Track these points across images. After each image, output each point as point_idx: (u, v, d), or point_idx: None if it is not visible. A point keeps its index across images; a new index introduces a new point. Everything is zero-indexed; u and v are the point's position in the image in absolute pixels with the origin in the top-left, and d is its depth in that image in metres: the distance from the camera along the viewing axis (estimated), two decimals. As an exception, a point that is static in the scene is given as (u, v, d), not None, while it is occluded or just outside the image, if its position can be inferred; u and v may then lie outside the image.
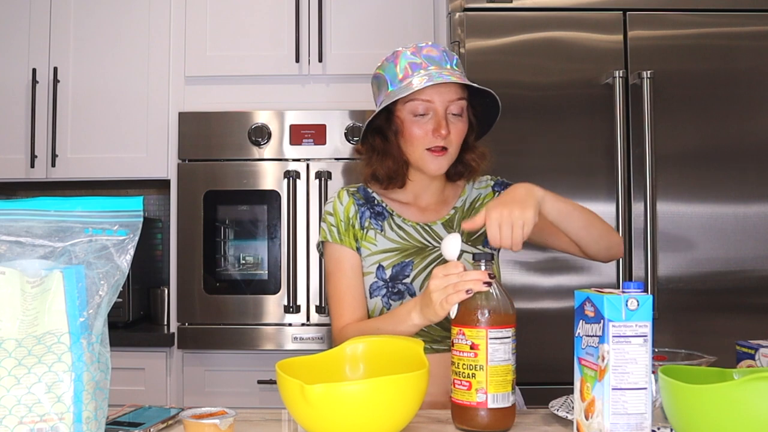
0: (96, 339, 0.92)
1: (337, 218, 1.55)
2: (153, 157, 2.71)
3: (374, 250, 1.54)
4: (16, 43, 2.73)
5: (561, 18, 2.29)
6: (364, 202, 1.57)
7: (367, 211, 1.56)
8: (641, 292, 1.02)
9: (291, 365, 1.19)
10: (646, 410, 1.02)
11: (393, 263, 1.52)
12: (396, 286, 1.51)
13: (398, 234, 1.55)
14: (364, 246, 1.54)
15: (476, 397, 1.14)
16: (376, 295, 1.53)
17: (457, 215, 1.60)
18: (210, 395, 2.52)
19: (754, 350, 1.32)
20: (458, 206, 1.61)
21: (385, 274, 1.52)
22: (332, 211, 1.56)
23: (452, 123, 1.48)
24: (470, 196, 1.63)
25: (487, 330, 1.14)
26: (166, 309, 2.75)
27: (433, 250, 1.54)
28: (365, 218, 1.55)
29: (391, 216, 1.57)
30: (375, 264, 1.53)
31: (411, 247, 1.54)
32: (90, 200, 0.96)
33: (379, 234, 1.54)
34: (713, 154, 2.26)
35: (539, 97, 2.27)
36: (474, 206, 1.62)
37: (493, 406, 1.14)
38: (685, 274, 2.25)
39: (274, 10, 2.70)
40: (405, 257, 1.53)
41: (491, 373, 1.14)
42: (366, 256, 1.54)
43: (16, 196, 3.12)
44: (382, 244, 1.54)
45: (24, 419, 0.85)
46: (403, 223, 1.56)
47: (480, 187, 1.65)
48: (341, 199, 1.57)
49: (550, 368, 1.95)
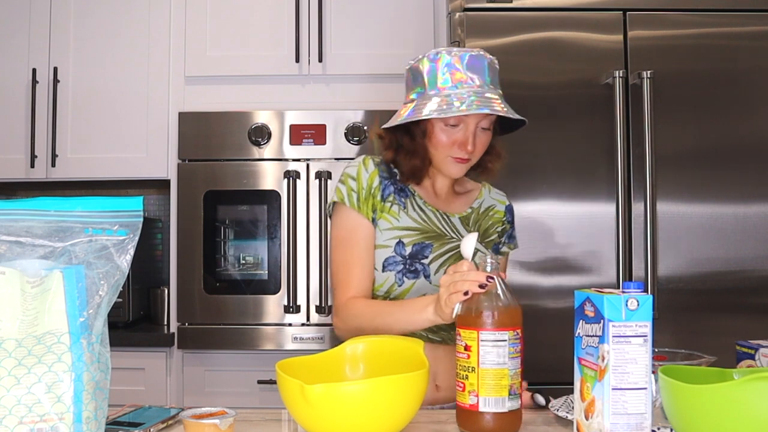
0: (96, 339, 0.92)
1: (359, 184, 1.53)
2: (153, 157, 2.71)
3: (396, 225, 1.53)
4: (16, 43, 2.73)
5: (561, 18, 2.29)
6: (388, 176, 1.56)
7: (391, 185, 1.56)
8: (641, 292, 1.02)
9: (291, 365, 1.19)
10: (646, 410, 1.02)
11: (414, 241, 1.52)
12: (414, 264, 1.51)
13: (420, 215, 1.55)
14: (385, 218, 1.53)
15: (469, 399, 1.14)
16: (390, 270, 1.51)
17: (473, 215, 1.63)
18: (210, 395, 2.52)
19: (754, 350, 1.32)
20: (475, 207, 1.65)
21: (405, 250, 1.51)
22: (355, 176, 1.54)
23: (479, 137, 1.50)
24: (486, 201, 1.68)
25: (479, 332, 1.13)
26: (166, 309, 2.75)
27: (451, 240, 1.55)
28: (388, 192, 1.55)
29: (413, 196, 1.57)
30: (395, 239, 1.52)
31: (431, 231, 1.54)
32: (90, 200, 0.96)
33: (402, 210, 1.54)
34: (713, 154, 2.26)
35: (539, 97, 2.27)
36: (488, 213, 1.66)
37: (485, 410, 1.12)
38: (685, 274, 2.25)
39: (274, 10, 2.70)
40: (426, 239, 1.53)
41: (482, 375, 1.12)
42: (385, 230, 1.53)
43: (16, 196, 3.12)
44: (405, 221, 1.54)
45: (24, 419, 0.85)
46: (425, 206, 1.57)
47: (497, 199, 1.70)
48: (367, 167, 1.55)
49: (550, 368, 1.95)
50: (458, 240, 1.55)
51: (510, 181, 2.26)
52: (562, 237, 2.25)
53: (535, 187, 2.26)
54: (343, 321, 1.51)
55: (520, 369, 1.15)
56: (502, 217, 1.69)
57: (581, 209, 2.26)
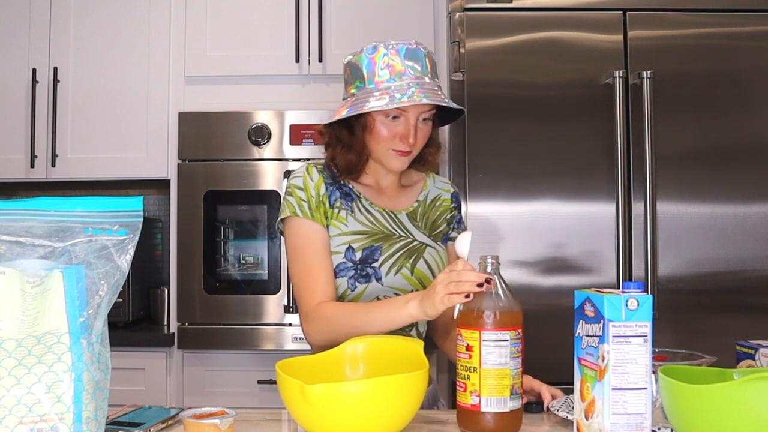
0: (96, 339, 0.92)
1: (308, 193, 1.53)
2: (153, 157, 2.71)
3: (344, 231, 1.52)
4: (16, 43, 2.73)
5: (561, 18, 2.29)
6: (332, 182, 1.56)
7: (337, 191, 1.55)
8: (641, 292, 1.02)
9: (291, 365, 1.20)
10: (646, 410, 1.02)
11: (363, 246, 1.51)
12: (365, 269, 1.50)
13: (367, 218, 1.54)
14: (334, 225, 1.52)
15: (470, 399, 1.14)
16: (342, 276, 1.50)
17: (420, 208, 1.62)
18: (210, 395, 2.52)
19: (754, 350, 1.32)
20: (421, 200, 1.64)
21: (354, 255, 1.50)
22: (302, 186, 1.53)
23: (420, 129, 1.50)
24: (431, 192, 1.67)
25: (481, 332, 1.13)
26: (166, 309, 2.75)
27: (400, 239, 1.55)
28: (335, 198, 1.54)
29: (359, 198, 1.56)
30: (344, 245, 1.51)
31: (379, 232, 1.54)
32: (90, 200, 0.96)
33: (349, 215, 1.53)
34: (713, 154, 2.26)
35: (539, 97, 2.27)
36: (435, 204, 1.66)
37: (487, 410, 1.12)
38: (685, 274, 2.25)
39: (274, 10, 2.70)
40: (374, 241, 1.52)
41: (484, 375, 1.12)
42: (335, 236, 1.51)
43: (16, 196, 3.12)
44: (353, 226, 1.53)
45: (24, 419, 0.85)
46: (371, 207, 1.56)
47: (441, 187, 1.69)
48: (311, 175, 1.55)
49: (550, 368, 1.94)
50: (407, 238, 1.55)
51: (510, 181, 2.26)
52: (562, 237, 2.25)
53: (535, 187, 2.25)
54: (315, 326, 1.47)
55: (521, 369, 1.15)
56: (450, 204, 1.68)
57: (581, 209, 2.26)
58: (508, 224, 2.25)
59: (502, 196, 2.25)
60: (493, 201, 2.25)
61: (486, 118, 2.26)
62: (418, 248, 1.55)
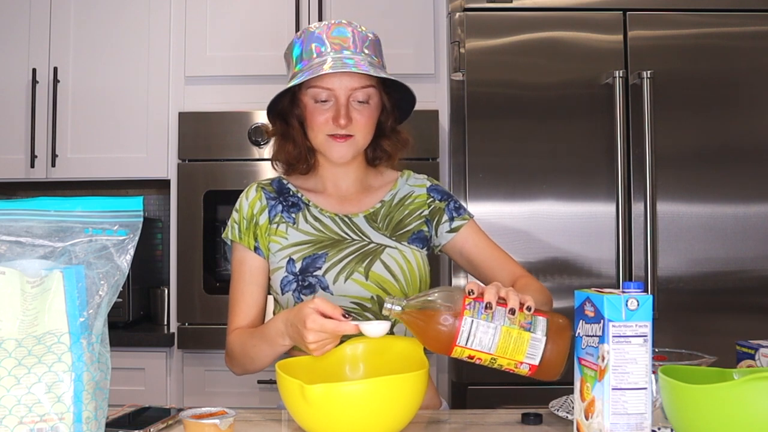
0: (96, 339, 0.92)
1: (240, 215, 1.51)
2: (153, 157, 2.71)
3: (285, 244, 1.46)
4: (16, 43, 2.73)
5: (561, 18, 2.29)
6: (276, 196, 1.52)
7: (279, 204, 1.50)
8: (641, 292, 1.02)
9: (291, 365, 1.20)
10: (646, 410, 1.02)
11: (303, 256, 1.45)
12: (306, 279, 1.43)
13: (313, 226, 1.48)
14: (274, 241, 1.47)
15: (522, 367, 1.13)
16: (288, 290, 1.45)
17: (383, 209, 1.53)
18: (210, 395, 2.52)
19: (754, 350, 1.32)
20: (386, 200, 1.54)
21: (294, 267, 1.44)
22: (238, 208, 1.52)
23: (357, 110, 1.42)
24: (401, 191, 1.56)
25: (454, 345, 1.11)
26: (166, 309, 2.75)
27: (351, 243, 1.47)
28: (275, 213, 1.49)
29: (307, 207, 1.50)
30: (285, 258, 1.45)
31: (326, 239, 1.47)
32: (90, 200, 0.96)
33: (290, 227, 1.48)
34: (713, 154, 2.26)
35: (539, 97, 2.27)
36: (404, 203, 1.55)
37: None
38: (685, 274, 2.25)
39: (274, 10, 2.70)
40: (318, 249, 1.45)
41: (499, 355, 1.12)
42: (276, 251, 1.46)
43: (16, 196, 3.12)
44: (294, 237, 1.47)
45: (24, 419, 0.85)
46: (320, 213, 1.50)
47: (414, 184, 1.58)
48: (248, 195, 1.53)
49: (550, 368, 1.95)
50: (361, 241, 1.47)
51: (510, 181, 2.26)
52: (562, 237, 2.25)
53: (535, 187, 2.26)
54: (227, 358, 1.49)
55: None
56: (426, 200, 1.55)
57: (581, 209, 2.26)
58: (508, 224, 2.25)
59: (502, 196, 2.25)
60: (493, 201, 2.25)
61: (486, 118, 2.26)
62: (374, 250, 1.46)
